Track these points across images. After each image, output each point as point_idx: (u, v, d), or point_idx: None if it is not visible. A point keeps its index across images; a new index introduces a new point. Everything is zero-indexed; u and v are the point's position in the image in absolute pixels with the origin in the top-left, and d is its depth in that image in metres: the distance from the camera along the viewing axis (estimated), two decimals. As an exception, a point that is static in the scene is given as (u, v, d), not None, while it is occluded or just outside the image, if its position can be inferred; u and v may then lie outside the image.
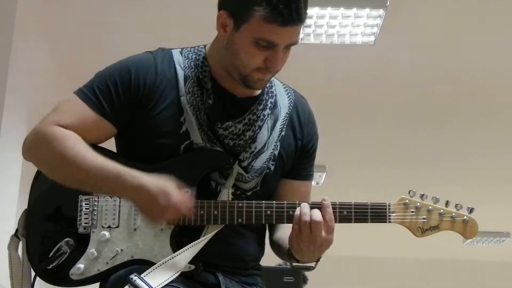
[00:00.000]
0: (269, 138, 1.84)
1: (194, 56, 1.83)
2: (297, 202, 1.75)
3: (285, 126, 1.87)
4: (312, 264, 1.79)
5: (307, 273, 4.38)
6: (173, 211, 1.65)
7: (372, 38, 4.49)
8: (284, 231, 1.84)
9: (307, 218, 1.68)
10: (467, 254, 8.97)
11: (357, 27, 4.38)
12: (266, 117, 1.85)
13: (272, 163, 1.84)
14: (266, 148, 1.83)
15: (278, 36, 1.69)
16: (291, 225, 1.76)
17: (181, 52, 1.84)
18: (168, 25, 4.47)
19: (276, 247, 1.89)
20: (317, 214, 1.68)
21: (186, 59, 1.82)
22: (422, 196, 1.75)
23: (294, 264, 1.79)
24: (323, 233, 1.68)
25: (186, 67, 1.81)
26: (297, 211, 1.70)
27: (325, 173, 7.09)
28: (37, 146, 1.73)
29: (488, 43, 4.70)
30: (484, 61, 4.97)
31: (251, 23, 1.68)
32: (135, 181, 1.65)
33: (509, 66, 5.05)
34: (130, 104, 1.76)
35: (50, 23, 4.45)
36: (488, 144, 6.53)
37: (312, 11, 4.18)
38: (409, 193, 1.76)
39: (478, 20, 4.43)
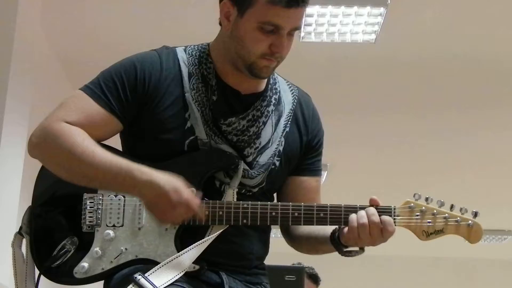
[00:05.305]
0: (273, 134, 1.84)
1: (198, 53, 1.83)
2: (302, 204, 1.74)
3: (289, 122, 1.87)
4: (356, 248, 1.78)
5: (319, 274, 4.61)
6: (184, 208, 1.64)
7: (373, 36, 4.49)
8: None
9: (364, 220, 1.69)
10: (468, 252, 8.97)
11: (358, 25, 4.38)
12: (270, 113, 1.84)
13: (277, 158, 1.84)
14: (270, 144, 1.83)
15: (282, 19, 1.69)
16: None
17: (185, 50, 1.85)
18: (168, 25, 4.47)
19: (308, 239, 1.87)
20: (373, 213, 1.70)
21: (190, 56, 1.83)
22: (427, 199, 1.74)
23: (344, 250, 1.78)
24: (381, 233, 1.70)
25: (190, 64, 1.81)
26: (353, 216, 1.70)
27: (326, 171, 7.08)
28: (44, 143, 1.71)
29: (489, 39, 4.70)
30: (485, 57, 4.97)
31: (255, 7, 1.69)
32: (145, 177, 1.63)
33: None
34: (136, 100, 1.75)
35: (52, 23, 4.45)
36: (492, 145, 6.54)
37: (313, 9, 4.18)
38: (414, 196, 1.74)
39: (479, 17, 4.42)
